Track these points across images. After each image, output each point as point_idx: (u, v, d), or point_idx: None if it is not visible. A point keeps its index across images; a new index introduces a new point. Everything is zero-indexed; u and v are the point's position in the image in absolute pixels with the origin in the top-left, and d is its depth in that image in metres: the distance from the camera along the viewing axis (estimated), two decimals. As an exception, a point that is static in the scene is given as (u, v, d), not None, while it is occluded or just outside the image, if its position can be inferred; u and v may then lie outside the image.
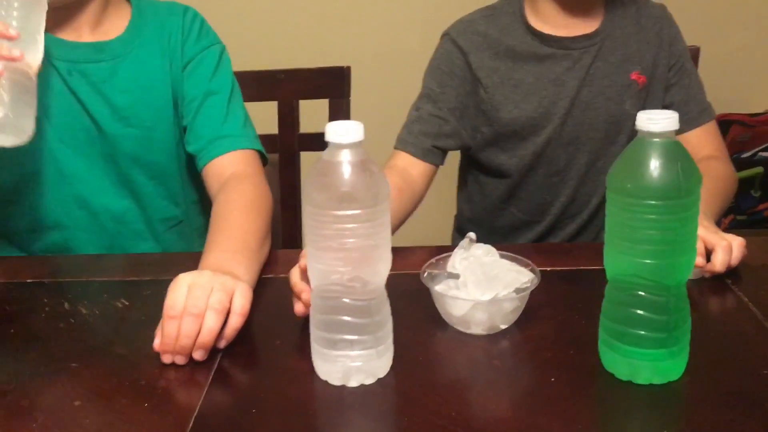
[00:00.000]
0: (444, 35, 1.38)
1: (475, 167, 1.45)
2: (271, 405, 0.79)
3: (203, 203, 1.33)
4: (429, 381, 0.82)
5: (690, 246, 0.78)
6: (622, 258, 0.78)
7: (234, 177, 1.16)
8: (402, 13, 2.42)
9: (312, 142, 1.53)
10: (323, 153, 0.78)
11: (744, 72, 2.45)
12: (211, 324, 0.84)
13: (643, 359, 0.79)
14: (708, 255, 1.01)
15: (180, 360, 0.85)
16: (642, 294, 0.78)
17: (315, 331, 0.82)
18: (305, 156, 1.54)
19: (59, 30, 1.16)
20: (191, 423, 0.76)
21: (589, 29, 1.33)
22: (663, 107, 1.36)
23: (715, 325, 0.93)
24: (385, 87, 2.32)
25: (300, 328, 0.91)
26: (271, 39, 2.40)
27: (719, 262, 1.00)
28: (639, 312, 0.78)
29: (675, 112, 0.75)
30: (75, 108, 1.18)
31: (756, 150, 2.41)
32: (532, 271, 0.93)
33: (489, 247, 0.95)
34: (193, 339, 0.84)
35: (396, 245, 1.05)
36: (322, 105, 1.53)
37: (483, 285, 0.89)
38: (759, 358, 0.84)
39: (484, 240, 0.98)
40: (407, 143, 1.33)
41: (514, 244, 1.43)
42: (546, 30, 1.33)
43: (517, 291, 0.90)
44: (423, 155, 1.32)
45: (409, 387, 0.81)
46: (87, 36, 1.19)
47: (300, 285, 0.90)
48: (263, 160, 1.25)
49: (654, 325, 0.78)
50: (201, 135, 1.22)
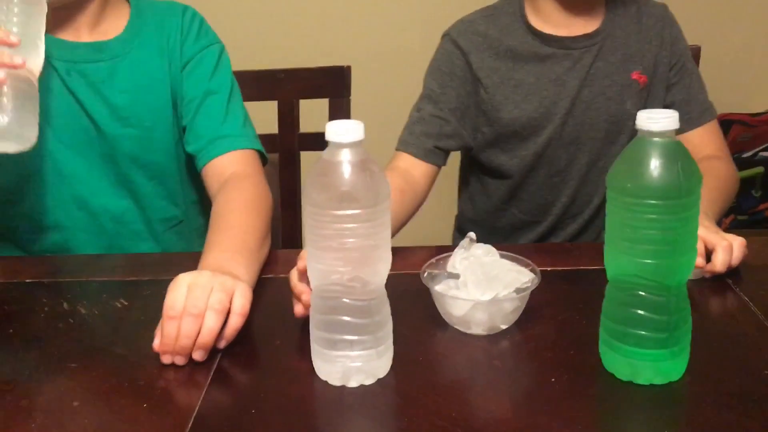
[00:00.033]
0: (444, 36, 1.38)
1: (477, 168, 1.45)
2: (271, 405, 0.79)
3: (203, 203, 1.32)
4: (429, 381, 0.82)
5: (691, 246, 0.78)
6: (622, 258, 0.78)
7: (234, 177, 1.16)
8: (402, 13, 2.42)
9: (312, 141, 1.53)
10: (323, 152, 0.78)
11: (745, 72, 2.45)
12: (211, 324, 0.84)
13: (644, 359, 0.79)
14: (708, 255, 1.01)
15: (180, 360, 0.85)
16: (642, 294, 0.77)
17: (315, 332, 0.82)
18: (305, 156, 1.54)
19: (58, 30, 1.16)
20: (190, 423, 0.76)
21: (590, 29, 1.33)
22: (664, 107, 1.36)
23: (716, 326, 0.93)
24: (385, 87, 2.31)
25: (300, 328, 0.91)
26: (271, 38, 2.40)
27: (720, 262, 1.00)
28: (639, 312, 0.78)
29: (675, 111, 0.75)
30: (74, 108, 1.18)
31: (757, 150, 2.41)
32: (532, 271, 0.93)
33: (489, 247, 0.95)
34: (193, 339, 0.84)
35: (396, 245, 1.05)
36: (322, 104, 1.52)
37: (483, 285, 0.89)
38: (760, 358, 0.84)
39: (485, 240, 0.97)
40: (409, 144, 1.33)
41: (516, 244, 1.42)
42: (546, 30, 1.32)
43: (518, 291, 0.90)
44: (425, 156, 1.32)
45: (409, 387, 0.81)
46: (86, 36, 1.19)
47: (299, 286, 0.89)
48: (263, 159, 1.25)
49: (655, 326, 0.78)
50: (200, 135, 1.22)
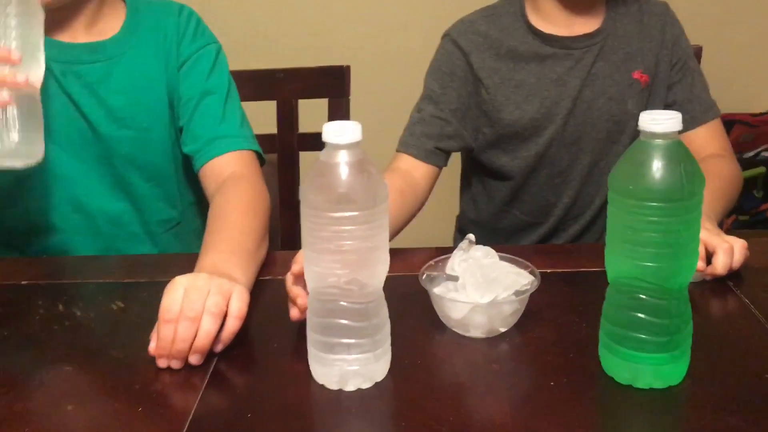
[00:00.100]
0: (444, 36, 1.37)
1: (478, 169, 1.45)
2: (268, 409, 0.78)
3: (200, 204, 1.32)
4: (427, 385, 0.81)
5: (692, 249, 0.77)
6: (623, 261, 0.77)
7: (231, 178, 1.15)
8: (402, 13, 2.42)
9: (311, 141, 1.52)
10: (320, 154, 0.77)
11: (746, 72, 2.44)
12: (208, 328, 0.83)
13: (644, 363, 0.78)
14: (709, 257, 1.01)
15: (176, 364, 0.84)
16: (643, 297, 0.77)
17: (312, 335, 0.81)
18: (304, 156, 1.54)
19: (53, 31, 1.15)
20: (186, 427, 0.75)
21: (591, 28, 1.32)
22: (666, 106, 1.35)
23: (717, 328, 0.92)
24: (385, 86, 2.31)
25: (297, 330, 0.90)
26: (271, 38, 2.40)
27: (720, 264, 0.99)
28: (640, 315, 0.77)
29: (678, 112, 0.74)
30: (69, 110, 1.17)
31: (759, 150, 2.40)
32: (531, 273, 0.93)
33: (488, 249, 0.94)
34: (190, 343, 0.83)
35: (396, 246, 1.04)
36: (321, 104, 1.52)
37: (482, 287, 0.89)
38: (761, 362, 0.84)
39: (486, 242, 0.97)
40: (409, 145, 1.32)
41: (517, 245, 1.42)
42: (547, 29, 1.32)
43: (517, 294, 0.89)
44: (425, 157, 1.31)
45: (407, 391, 0.80)
46: (81, 36, 1.18)
47: (295, 290, 0.89)
48: (260, 160, 1.25)
49: (655, 329, 0.77)
50: (198, 136, 1.21)
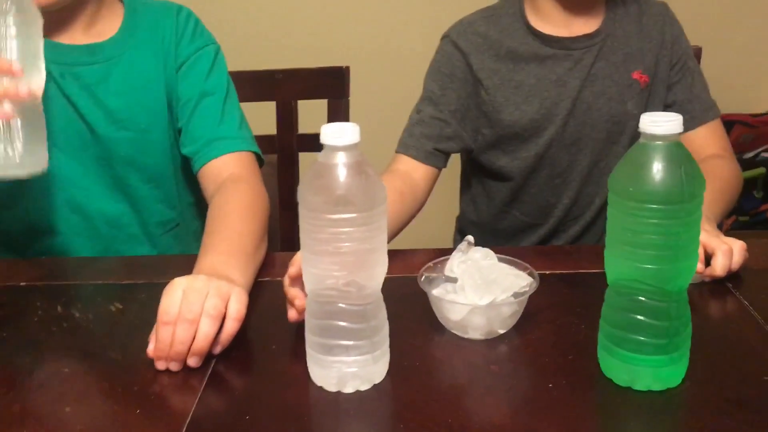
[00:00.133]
0: (444, 37, 1.37)
1: (478, 170, 1.44)
2: (266, 411, 0.78)
3: (199, 206, 1.32)
4: (426, 387, 0.81)
5: (692, 251, 0.77)
6: (623, 262, 0.77)
7: (230, 179, 1.15)
8: (402, 13, 2.42)
9: (311, 142, 1.52)
10: (318, 155, 0.77)
11: (746, 72, 2.44)
12: (207, 330, 0.83)
13: (643, 365, 0.78)
14: (708, 259, 1.00)
15: (174, 366, 0.84)
16: (643, 299, 0.77)
17: (310, 337, 0.81)
18: (304, 156, 1.54)
19: (52, 32, 1.15)
20: (184, 429, 0.75)
21: (590, 29, 1.32)
22: (665, 106, 1.35)
23: (716, 330, 0.92)
24: (385, 87, 2.31)
25: (296, 332, 0.90)
26: (270, 38, 2.39)
27: (720, 266, 0.99)
28: (639, 317, 0.77)
29: (678, 114, 0.74)
30: (68, 112, 1.17)
31: (759, 150, 2.40)
32: (530, 275, 0.92)
33: (487, 251, 0.94)
34: (188, 345, 0.83)
35: (396, 247, 1.04)
36: (320, 105, 1.52)
37: (481, 289, 0.88)
38: (760, 364, 0.83)
39: (487, 243, 0.97)
40: (409, 146, 1.32)
41: (516, 247, 1.42)
42: (547, 30, 1.32)
43: (516, 295, 0.89)
44: (425, 158, 1.31)
45: (406, 393, 0.80)
46: (80, 38, 1.18)
47: (292, 291, 0.89)
48: (259, 161, 1.24)
49: (654, 331, 0.77)
50: (196, 137, 1.21)
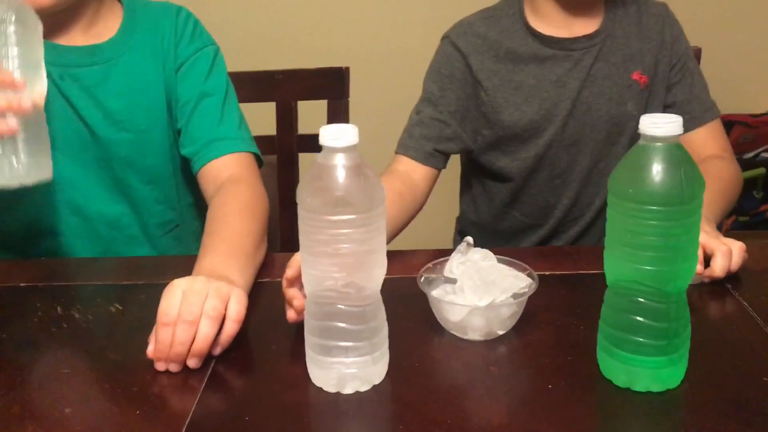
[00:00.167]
0: (444, 38, 1.37)
1: (478, 170, 1.45)
2: (265, 412, 0.78)
3: (199, 206, 1.31)
4: (425, 387, 0.81)
5: (692, 253, 0.77)
6: (622, 264, 0.77)
7: (230, 180, 1.15)
8: (402, 14, 2.42)
9: (310, 143, 1.52)
10: (317, 156, 0.77)
11: (746, 73, 2.44)
12: (206, 331, 0.83)
13: (642, 366, 0.78)
14: (707, 260, 1.00)
15: (174, 368, 0.84)
16: (642, 301, 0.77)
17: (309, 338, 0.81)
18: (304, 157, 1.54)
19: (51, 34, 1.14)
20: (184, 430, 0.75)
21: (590, 29, 1.32)
22: (665, 106, 1.35)
23: (715, 331, 0.92)
24: (385, 88, 2.31)
25: (295, 333, 0.90)
26: (270, 39, 2.39)
27: (719, 267, 0.99)
28: (639, 319, 0.77)
29: (678, 116, 0.74)
30: (68, 113, 1.17)
31: (758, 151, 2.40)
32: (529, 276, 0.92)
33: (486, 252, 0.94)
34: (188, 346, 0.83)
35: (396, 247, 1.04)
36: (320, 106, 1.52)
37: (480, 290, 0.88)
38: (759, 365, 0.83)
39: (487, 244, 0.97)
40: (408, 147, 1.32)
41: (516, 247, 1.42)
42: (546, 31, 1.32)
43: (515, 296, 0.89)
44: (424, 159, 1.31)
45: (405, 394, 0.80)
46: (79, 39, 1.18)
47: (291, 291, 0.89)
48: (259, 162, 1.24)
49: (654, 333, 0.77)
50: (196, 138, 1.21)
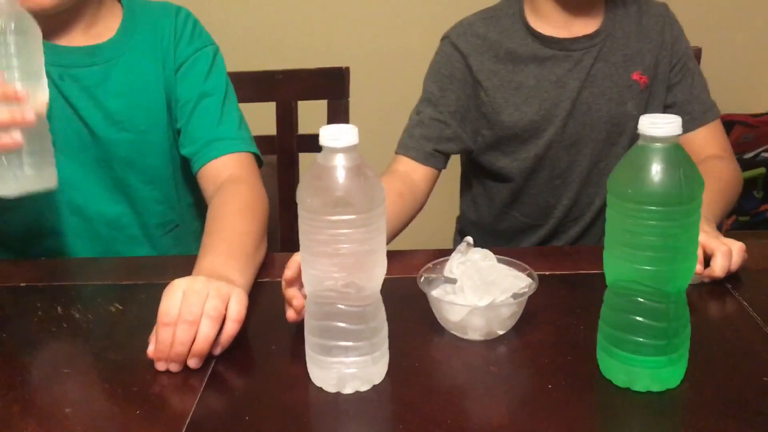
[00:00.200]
0: (443, 38, 1.37)
1: (478, 171, 1.45)
2: (266, 411, 0.78)
3: (199, 206, 1.32)
4: (425, 387, 0.81)
5: (691, 253, 0.77)
6: (621, 264, 0.77)
7: (229, 180, 1.15)
8: (402, 14, 2.42)
9: (310, 143, 1.52)
10: (317, 156, 0.77)
11: (746, 72, 2.44)
12: (207, 331, 0.83)
13: (642, 366, 0.78)
14: (708, 260, 1.01)
15: (174, 368, 0.84)
16: (641, 300, 0.77)
17: (309, 338, 0.81)
18: (304, 157, 1.54)
19: (51, 35, 1.15)
20: (184, 430, 0.75)
21: (590, 29, 1.32)
22: (665, 107, 1.35)
23: (715, 331, 0.92)
24: (385, 88, 2.31)
25: (295, 333, 0.90)
26: (270, 39, 2.39)
27: (719, 267, 0.99)
28: (638, 319, 0.77)
29: (678, 116, 0.74)
30: (67, 113, 1.17)
31: (759, 150, 2.40)
32: (529, 276, 0.92)
33: (486, 252, 0.94)
34: (188, 346, 0.83)
35: (396, 247, 1.04)
36: (320, 106, 1.52)
37: (480, 290, 0.88)
38: (759, 364, 0.83)
39: (487, 244, 0.97)
40: (408, 148, 1.32)
41: (516, 247, 1.42)
42: (546, 31, 1.32)
43: (515, 296, 0.89)
44: (425, 159, 1.31)
45: (405, 394, 0.80)
46: (79, 39, 1.18)
47: (290, 291, 0.89)
48: (259, 162, 1.24)
49: (653, 333, 0.77)
50: (196, 138, 1.21)
